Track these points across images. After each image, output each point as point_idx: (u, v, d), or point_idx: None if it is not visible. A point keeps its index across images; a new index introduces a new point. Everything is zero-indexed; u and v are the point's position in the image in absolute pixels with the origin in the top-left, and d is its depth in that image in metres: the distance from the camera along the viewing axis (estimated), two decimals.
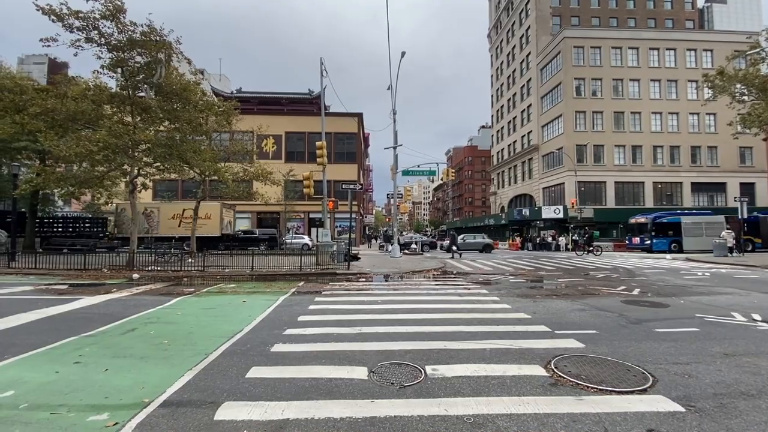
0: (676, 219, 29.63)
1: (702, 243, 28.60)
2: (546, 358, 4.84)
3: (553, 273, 14.54)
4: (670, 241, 28.91)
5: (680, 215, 30.62)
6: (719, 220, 29.50)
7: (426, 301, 8.70)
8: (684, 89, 41.38)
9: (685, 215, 30.42)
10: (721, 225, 28.97)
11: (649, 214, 31.53)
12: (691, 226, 29.21)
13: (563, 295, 9.48)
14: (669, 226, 29.32)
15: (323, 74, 16.83)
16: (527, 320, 6.88)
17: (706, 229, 29.10)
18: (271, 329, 6.31)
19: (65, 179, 14.76)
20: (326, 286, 11.47)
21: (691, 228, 29.15)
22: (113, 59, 14.24)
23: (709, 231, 28.96)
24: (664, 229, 29.20)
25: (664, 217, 30.37)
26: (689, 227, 29.14)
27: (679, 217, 30.06)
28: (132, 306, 8.22)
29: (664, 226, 29.31)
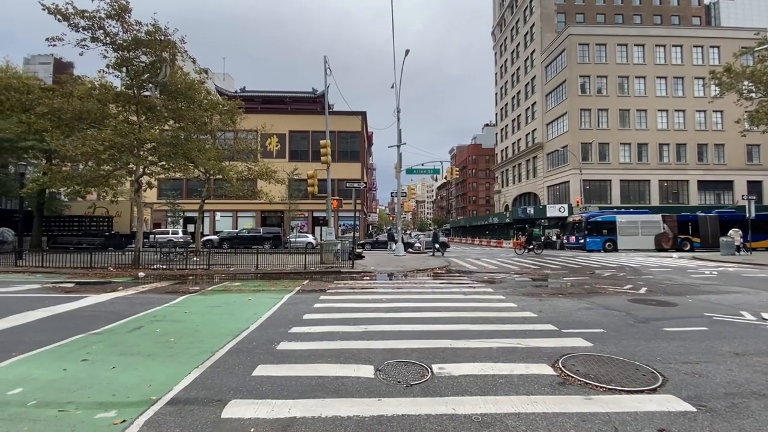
0: (611, 218, 29.29)
1: (638, 242, 28.45)
2: (553, 357, 4.80)
3: (559, 272, 14.46)
4: (604, 240, 28.52)
5: (616, 214, 30.30)
6: (656, 220, 29.18)
7: (431, 300, 8.67)
8: (691, 86, 40.99)
9: (621, 214, 30.11)
10: (658, 224, 28.78)
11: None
12: (627, 225, 28.87)
13: (569, 294, 9.42)
14: (604, 224, 28.95)
15: (327, 72, 16.81)
16: (533, 319, 6.83)
17: (642, 228, 28.80)
18: (277, 327, 6.31)
19: (71, 178, 14.83)
20: (331, 284, 11.47)
21: (627, 227, 28.79)
22: (118, 59, 14.30)
23: (645, 230, 28.75)
24: (599, 228, 28.84)
25: (598, 215, 30.08)
26: (624, 226, 28.78)
27: (615, 216, 29.73)
28: (138, 304, 8.25)
29: (598, 224, 28.96)
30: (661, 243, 28.32)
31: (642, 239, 28.31)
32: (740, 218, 29.25)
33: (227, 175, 16.78)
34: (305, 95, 43.40)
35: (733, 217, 29.83)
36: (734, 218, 29.55)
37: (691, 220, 29.12)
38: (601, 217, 29.69)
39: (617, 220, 28.81)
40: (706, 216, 29.45)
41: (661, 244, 28.28)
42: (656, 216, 29.61)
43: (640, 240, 28.32)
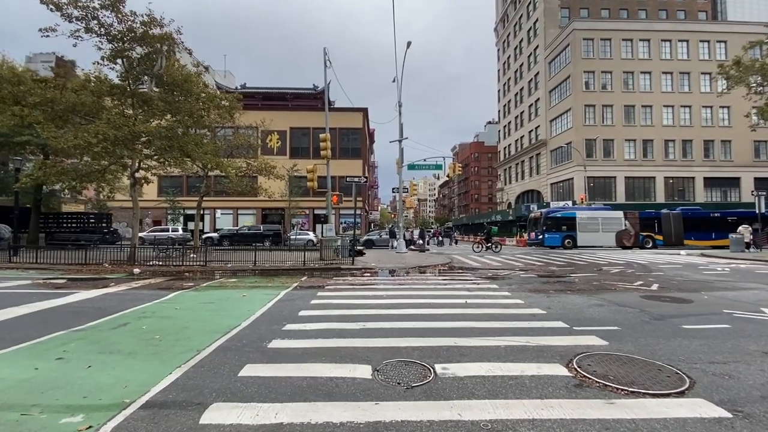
0: (570, 214, 28.72)
1: (598, 239, 27.84)
2: (567, 357, 4.42)
3: (565, 268, 14.05)
4: (563, 236, 27.88)
5: (576, 210, 29.71)
6: (617, 216, 28.60)
7: (434, 296, 8.30)
8: (697, 82, 40.39)
9: (581, 210, 29.54)
10: (619, 221, 28.18)
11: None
12: (587, 221, 28.23)
13: (578, 290, 9.02)
14: (563, 220, 28.28)
15: (327, 65, 16.42)
16: (542, 316, 6.45)
17: (602, 225, 28.20)
18: (270, 324, 5.96)
19: (66, 173, 14.53)
20: (330, 280, 11.11)
21: (587, 223, 28.14)
22: (113, 50, 13.96)
23: (605, 227, 28.14)
24: (558, 224, 28.18)
25: (558, 211, 29.49)
26: (585, 222, 28.12)
27: (574, 211, 29.18)
28: (128, 300, 7.92)
29: (558, 220, 28.30)
30: (622, 240, 27.77)
31: (603, 236, 27.71)
32: (704, 216, 29.21)
33: (225, 170, 16.43)
34: (306, 92, 43.03)
35: (697, 214, 29.38)
36: (698, 216, 29.15)
37: (654, 217, 28.58)
38: (560, 212, 29.16)
39: (577, 216, 28.23)
40: (670, 213, 28.93)
41: (622, 242, 27.74)
42: (618, 212, 29.14)
43: (600, 237, 27.74)
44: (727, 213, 29.31)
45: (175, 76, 14.02)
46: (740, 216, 28.81)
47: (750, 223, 28.01)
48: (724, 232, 27.72)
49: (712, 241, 28.04)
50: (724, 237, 27.49)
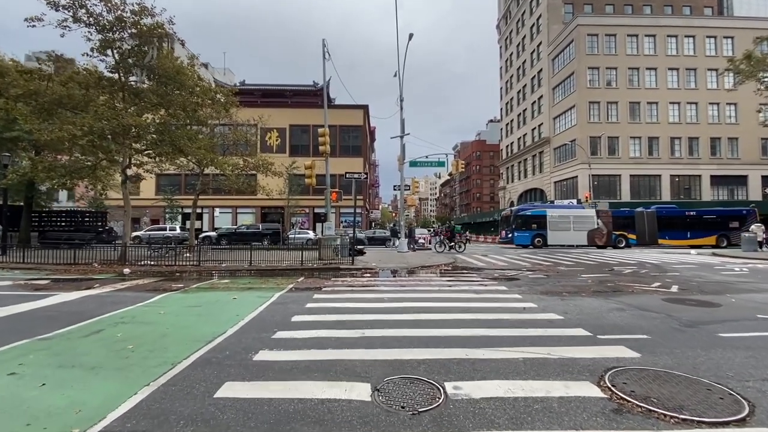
0: (541, 212, 27.98)
1: (569, 237, 27.11)
2: (596, 372, 3.83)
3: (574, 268, 13.44)
4: (533, 235, 27.19)
5: (547, 207, 28.92)
6: (589, 214, 27.86)
7: (439, 299, 7.70)
8: (703, 78, 39.63)
9: (552, 208, 28.76)
10: (591, 219, 27.48)
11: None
12: (558, 219, 27.44)
13: (593, 293, 8.41)
14: (533, 218, 27.52)
15: (326, 57, 15.81)
16: (560, 322, 5.85)
17: (574, 223, 27.43)
18: (259, 332, 5.37)
19: (55, 169, 13.96)
20: (328, 281, 10.52)
21: (558, 222, 27.39)
22: (103, 41, 13.37)
23: (577, 225, 27.40)
24: (528, 222, 27.46)
25: (528, 209, 28.80)
26: (555, 221, 27.35)
27: (545, 209, 28.46)
28: (109, 303, 7.34)
29: (527, 218, 27.58)
30: (594, 239, 27.11)
31: (574, 234, 27.02)
32: (680, 214, 28.56)
33: (220, 166, 15.85)
34: (306, 88, 42.42)
35: (672, 213, 28.72)
36: (673, 215, 28.51)
37: (628, 215, 27.92)
38: (530, 210, 28.52)
39: (547, 214, 27.52)
40: (644, 211, 28.24)
41: (594, 240, 27.08)
42: (590, 210, 28.47)
43: (572, 235, 27.06)
44: (704, 212, 28.76)
45: (167, 67, 13.42)
46: (719, 215, 28.36)
47: (728, 222, 27.61)
48: (700, 232, 27.55)
49: (687, 240, 27.48)
50: (700, 236, 27.43)
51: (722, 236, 27.48)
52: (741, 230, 27.46)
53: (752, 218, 27.91)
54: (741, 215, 28.15)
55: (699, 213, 28.51)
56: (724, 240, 27.35)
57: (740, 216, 28.07)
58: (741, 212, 28.45)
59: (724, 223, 27.79)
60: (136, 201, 37.51)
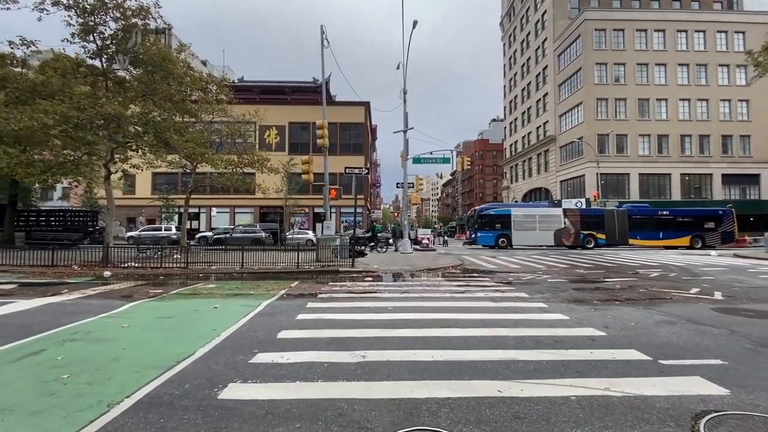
0: (505, 211, 26.98)
1: (535, 237, 26.15)
2: (683, 420, 2.78)
3: (595, 271, 12.37)
4: (497, 235, 26.13)
5: (512, 206, 27.94)
6: (556, 214, 26.95)
7: (452, 309, 6.65)
8: (714, 74, 38.50)
9: (517, 206, 27.73)
10: (558, 218, 26.54)
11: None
12: (523, 219, 26.50)
13: (626, 300, 7.35)
14: (498, 218, 26.48)
15: (324, 45, 14.79)
16: (604, 340, 4.80)
17: (540, 223, 26.47)
18: (235, 353, 4.33)
19: (33, 164, 12.96)
20: (325, 286, 9.48)
21: (523, 221, 26.42)
22: (83, 24, 12.36)
23: (543, 225, 26.46)
24: (492, 222, 26.42)
25: (492, 208, 27.85)
26: (520, 220, 26.37)
27: (510, 209, 27.53)
28: (68, 314, 6.31)
29: (491, 218, 26.52)
30: (561, 239, 26.17)
31: (540, 234, 26.12)
32: (652, 214, 27.70)
33: (212, 161, 14.83)
34: (306, 85, 41.44)
35: (644, 212, 27.81)
36: (645, 214, 27.60)
37: (597, 214, 27.02)
38: (494, 210, 27.59)
39: (512, 213, 26.57)
40: (615, 211, 27.34)
41: (561, 240, 26.15)
42: (557, 209, 27.60)
43: (538, 235, 26.14)
44: (678, 212, 27.89)
45: (152, 53, 12.40)
46: (694, 215, 27.47)
47: (703, 222, 26.68)
48: (674, 232, 26.69)
49: (660, 240, 26.66)
50: (673, 237, 26.60)
51: (697, 237, 26.65)
52: (717, 231, 26.61)
53: (729, 219, 27.01)
54: (717, 215, 27.33)
55: (673, 213, 27.76)
56: (698, 241, 26.52)
57: (716, 216, 27.26)
58: (717, 212, 27.65)
59: (699, 223, 26.99)
60: (132, 200, 36.64)
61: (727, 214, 27.08)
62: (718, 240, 26.68)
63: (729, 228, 26.92)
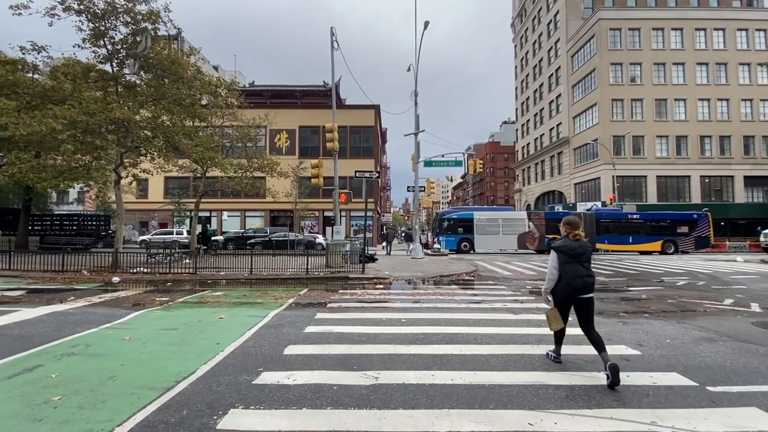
0: (468, 215, 26.21)
1: (499, 242, 25.38)
2: None
3: (615, 279, 11.82)
4: (459, 239, 25.42)
5: (474, 210, 27.24)
6: (520, 217, 26.23)
7: (469, 322, 6.27)
8: (735, 73, 37.33)
9: (480, 210, 26.88)
10: (522, 222, 25.80)
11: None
12: (486, 223, 25.74)
13: (657, 313, 6.87)
14: (460, 222, 25.76)
15: (334, 47, 14.58)
16: (640, 360, 4.37)
17: (503, 227, 25.70)
18: (239, 372, 4.04)
19: (44, 169, 12.98)
20: (334, 294, 9.17)
21: (485, 225, 25.64)
22: (95, 29, 12.36)
23: (507, 229, 25.71)
24: (454, 226, 25.66)
25: (454, 212, 27.16)
26: (483, 224, 25.57)
27: (472, 212, 26.67)
28: (70, 324, 6.11)
29: (454, 222, 25.80)
30: (525, 243, 25.48)
31: (504, 238, 25.46)
32: (621, 217, 26.83)
33: (221, 164, 14.70)
34: (316, 89, 41.45)
35: (612, 215, 26.95)
36: (614, 217, 26.71)
37: (557, 217, 25.99)
38: (456, 213, 26.96)
39: (474, 217, 25.85)
40: (581, 214, 26.46)
41: (525, 244, 25.47)
42: (521, 213, 27.10)
43: (501, 239, 25.50)
44: (650, 216, 27.03)
45: (161, 57, 12.33)
46: (667, 219, 26.57)
47: (676, 227, 25.72)
48: (644, 237, 25.89)
49: (629, 245, 25.83)
50: (644, 242, 25.81)
51: (669, 242, 25.78)
52: (691, 235, 25.61)
53: (704, 223, 26.00)
54: (691, 219, 26.41)
55: (644, 216, 26.94)
56: (671, 246, 25.66)
57: (690, 220, 26.35)
58: (691, 216, 26.70)
59: (671, 227, 26.13)
60: (144, 204, 37.00)
61: (702, 218, 26.24)
62: (692, 245, 25.95)
63: (704, 233, 26.08)
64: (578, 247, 4.00)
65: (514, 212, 28.03)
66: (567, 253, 3.98)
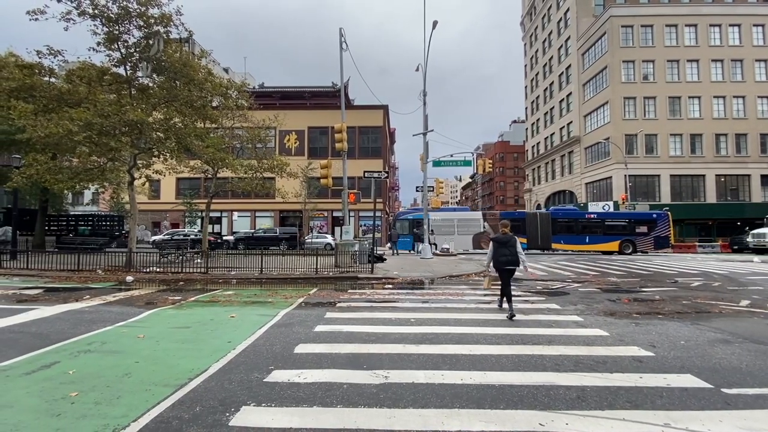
0: (422, 215, 25.56)
1: (454, 242, 24.84)
2: None
3: (628, 279, 11.66)
4: (414, 240, 25.03)
5: (431, 211, 26.62)
6: (475, 217, 25.99)
7: (478, 322, 6.25)
8: (751, 70, 36.49)
9: (436, 211, 26.46)
10: (477, 222, 25.56)
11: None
12: (441, 223, 25.51)
13: (671, 314, 6.77)
14: (415, 222, 25.23)
15: (343, 48, 14.64)
16: (652, 362, 4.32)
17: (459, 227, 25.43)
18: (250, 370, 4.09)
19: (61, 171, 13.27)
20: (343, 294, 9.22)
21: (440, 225, 25.38)
22: (109, 33, 12.61)
23: (462, 229, 25.52)
24: (410, 227, 25.29)
25: (410, 212, 26.87)
26: (438, 224, 25.24)
27: (429, 213, 26.05)
28: (86, 322, 6.25)
29: (409, 223, 25.48)
30: (480, 243, 25.19)
31: (458, 239, 25.23)
32: (578, 217, 26.37)
33: (232, 165, 14.86)
34: (325, 90, 41.67)
35: (569, 215, 26.48)
36: (570, 217, 26.24)
37: (518, 217, 25.87)
38: (412, 214, 26.68)
39: (430, 218, 25.27)
40: (537, 213, 26.36)
41: (480, 245, 25.16)
42: (476, 213, 26.90)
43: (456, 240, 25.24)
44: (607, 215, 26.66)
45: (173, 60, 12.53)
46: (626, 218, 26.11)
47: (635, 227, 25.46)
48: (601, 236, 25.48)
49: (585, 245, 25.44)
50: (601, 241, 25.42)
51: (627, 242, 25.33)
52: (650, 235, 25.08)
53: (664, 223, 25.54)
54: (650, 219, 25.95)
55: (601, 216, 26.55)
56: (629, 246, 25.20)
57: (650, 220, 25.89)
58: (651, 216, 26.24)
59: (630, 227, 25.70)
60: (156, 205, 37.57)
61: (661, 218, 25.76)
62: (650, 245, 25.53)
63: (663, 232, 25.61)
64: (504, 238, 6.65)
65: (469, 212, 28.14)
66: (498, 241, 6.71)
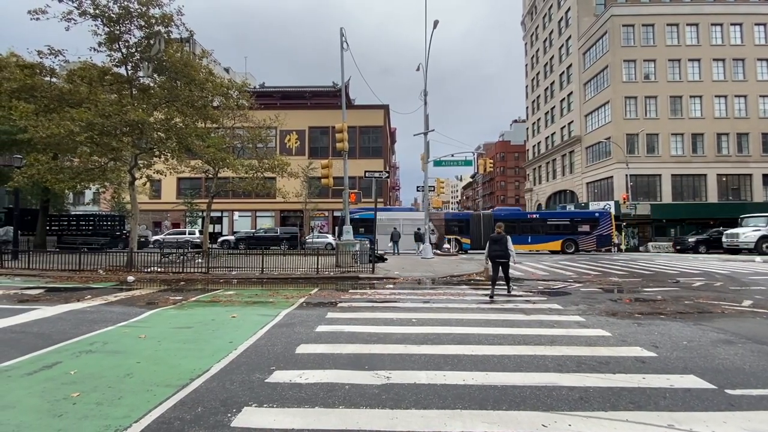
0: (369, 215, 25.24)
1: (399, 242, 24.43)
2: None
3: (629, 279, 11.63)
4: (415, 240, 24.71)
5: (378, 210, 26.77)
6: (420, 217, 25.51)
7: (480, 323, 6.24)
8: (753, 69, 36.38)
9: (382, 210, 26.34)
10: (422, 222, 24.56)
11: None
12: (386, 222, 25.31)
13: (673, 314, 6.75)
14: (361, 222, 25.20)
15: (343, 48, 14.63)
16: (655, 362, 4.30)
17: (404, 227, 25.26)
18: (251, 371, 4.08)
19: (62, 171, 13.28)
20: (345, 294, 9.21)
21: (386, 225, 25.13)
22: (110, 33, 12.61)
23: (408, 229, 25.33)
24: (356, 227, 24.57)
25: (357, 212, 26.45)
26: (383, 224, 24.96)
27: (372, 213, 25.48)
28: (88, 322, 6.25)
29: (356, 222, 24.83)
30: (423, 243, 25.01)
31: (404, 239, 24.95)
32: (520, 217, 26.48)
33: (233, 165, 14.86)
34: (326, 89, 41.65)
35: (511, 215, 26.68)
36: (513, 218, 26.36)
37: (462, 218, 26.45)
38: (358, 214, 26.43)
39: (375, 218, 24.95)
40: (480, 214, 26.62)
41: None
42: (420, 213, 26.40)
43: (402, 240, 24.89)
44: (549, 215, 26.98)
45: (174, 60, 12.52)
46: (568, 218, 26.21)
47: (577, 226, 25.47)
48: (544, 236, 25.70)
49: (528, 245, 25.58)
50: (543, 241, 25.67)
51: (569, 241, 25.49)
52: (592, 234, 25.30)
53: (606, 221, 25.63)
54: (593, 218, 26.06)
55: (543, 216, 26.81)
56: (571, 245, 25.36)
57: (592, 219, 25.99)
58: (593, 215, 26.37)
59: (572, 226, 25.86)
60: (157, 205, 37.61)
61: (604, 216, 25.88)
62: (593, 244, 25.61)
63: (606, 231, 25.73)
64: (496, 237, 8.61)
65: (415, 212, 28.12)
66: (492, 239, 8.69)
